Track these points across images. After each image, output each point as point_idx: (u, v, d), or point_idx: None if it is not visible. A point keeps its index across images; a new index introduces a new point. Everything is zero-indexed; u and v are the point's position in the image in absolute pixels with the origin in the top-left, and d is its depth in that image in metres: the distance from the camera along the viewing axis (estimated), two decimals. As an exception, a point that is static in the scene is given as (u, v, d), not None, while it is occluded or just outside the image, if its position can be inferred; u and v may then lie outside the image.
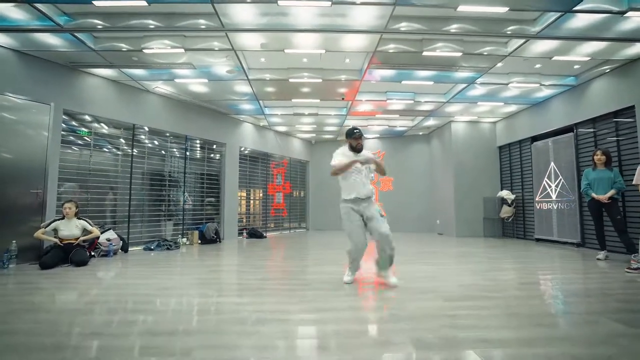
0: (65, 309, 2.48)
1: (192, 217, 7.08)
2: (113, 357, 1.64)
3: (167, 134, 6.64)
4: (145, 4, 3.53)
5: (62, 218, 4.42)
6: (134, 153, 5.98)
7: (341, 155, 3.24)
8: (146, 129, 6.23)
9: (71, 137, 5.25)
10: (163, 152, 6.70)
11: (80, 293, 2.94)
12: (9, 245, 4.13)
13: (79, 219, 4.52)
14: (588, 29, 3.93)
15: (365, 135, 9.84)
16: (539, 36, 4.04)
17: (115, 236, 5.21)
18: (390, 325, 2.07)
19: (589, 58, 4.67)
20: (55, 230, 4.37)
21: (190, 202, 7.13)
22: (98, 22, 3.97)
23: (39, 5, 3.52)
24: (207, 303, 2.59)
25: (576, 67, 5.11)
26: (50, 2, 3.54)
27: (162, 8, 3.81)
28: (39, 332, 1.97)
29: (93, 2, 3.46)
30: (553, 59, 4.68)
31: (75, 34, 4.11)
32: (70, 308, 2.50)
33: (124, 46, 4.49)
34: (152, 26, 4.03)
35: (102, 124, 5.66)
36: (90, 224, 4.58)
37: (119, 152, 5.92)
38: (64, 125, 5.04)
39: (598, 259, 4.44)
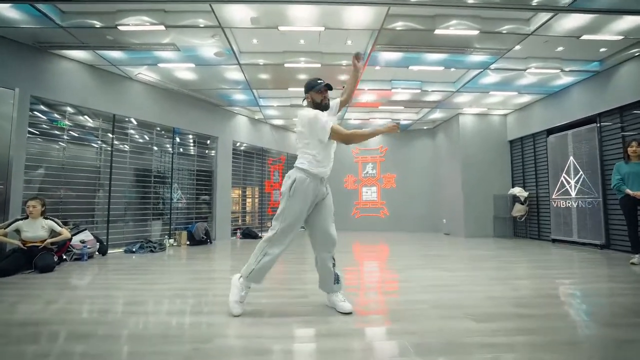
0: (17, 330, 1.95)
1: (180, 217, 6.55)
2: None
3: (156, 127, 6.09)
4: (112, -35, 2.99)
5: (26, 217, 3.89)
6: (116, 146, 5.44)
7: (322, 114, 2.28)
8: (134, 121, 5.69)
9: (42, 126, 4.71)
10: (149, 145, 6.16)
11: (34, 309, 2.41)
12: (-37, 248, 3.61)
13: (45, 218, 3.98)
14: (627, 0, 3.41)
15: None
16: (570, 8, 3.51)
17: (91, 237, 4.68)
18: (412, 361, 1.55)
19: (621, 37, 4.14)
20: (18, 232, 3.83)
21: (184, 200, 6.61)
22: (61, -9, 3.44)
23: (-14, -33, 2.99)
24: (183, 325, 2.07)
25: (602, 50, 4.60)
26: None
27: (135, -26, 3.28)
28: None
29: (50, -39, 2.92)
30: (581, 38, 4.16)
31: (36, 6, 3.56)
32: (24, 329, 1.97)
33: (96, 22, 3.95)
34: (125, -4, 3.49)
35: (80, 114, 5.11)
36: (59, 225, 4.04)
37: (97, 146, 5.39)
38: (39, 115, 4.50)
39: (632, 264, 3.94)
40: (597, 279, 3.33)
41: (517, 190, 6.97)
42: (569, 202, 5.83)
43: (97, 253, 4.77)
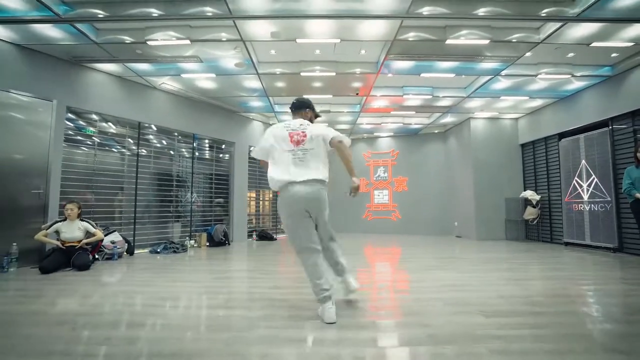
0: (61, 320, 2.21)
1: (200, 219, 6.84)
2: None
3: (175, 133, 6.41)
4: (147, -12, 3.27)
5: (64, 220, 4.21)
6: (141, 152, 5.76)
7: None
8: (153, 127, 6.01)
9: (72, 134, 5.05)
10: (170, 151, 6.47)
11: (78, 303, 2.68)
12: (9, 248, 3.93)
13: (81, 220, 4.30)
14: (637, 9, 3.51)
15: (379, 134, 9.61)
16: (579, 18, 3.64)
17: (120, 238, 4.98)
18: (428, 349, 1.73)
19: (632, 44, 4.23)
20: (57, 233, 4.15)
21: (200, 203, 6.90)
22: (98, 12, 3.74)
23: (35, -7, 3.31)
24: (213, 317, 2.30)
25: (614, 55, 4.67)
26: (48, -12, 3.32)
27: (166, -6, 3.56)
28: (32, 341, 1.70)
29: (92, -13, 3.22)
30: (591, 45, 4.26)
31: (76, 25, 3.88)
32: (67, 319, 2.22)
33: (127, 38, 4.26)
34: (155, 14, 3.78)
35: (108, 122, 5.45)
36: (93, 226, 4.35)
37: (124, 151, 5.71)
38: (68, 123, 4.84)
39: (644, 266, 4.00)
40: (608, 281, 3.42)
41: (529, 194, 7.02)
42: (581, 206, 5.87)
43: (125, 253, 5.07)
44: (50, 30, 4.00)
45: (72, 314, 2.35)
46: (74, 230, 4.18)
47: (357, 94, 6.18)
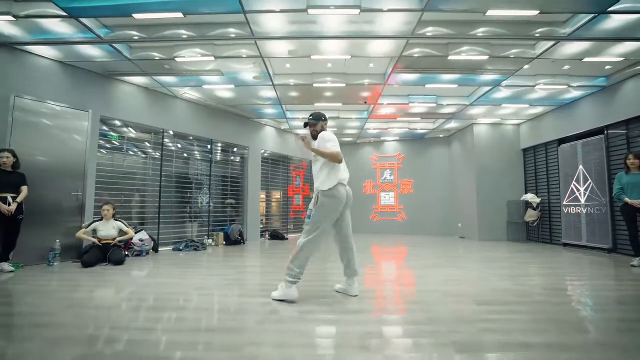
0: (107, 305, 2.63)
1: (216, 219, 7.27)
2: (174, 351, 1.76)
3: (190, 137, 6.85)
4: (181, 15, 3.70)
5: (101, 219, 4.66)
6: (163, 156, 6.21)
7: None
8: (170, 132, 6.46)
9: (102, 142, 5.52)
10: (188, 155, 6.92)
11: (118, 290, 3.11)
12: (53, 244, 4.39)
13: (115, 220, 4.75)
14: (622, 30, 3.84)
15: (385, 138, 10.00)
16: (569, 38, 3.98)
17: (147, 237, 5.43)
18: (426, 327, 2.11)
19: (622, 59, 4.55)
20: (94, 231, 4.61)
21: (212, 204, 7.32)
22: (134, 33, 4.18)
23: (83, 19, 3.75)
24: (240, 303, 2.70)
25: (607, 67, 4.99)
26: (94, 16, 3.77)
27: (195, 18, 3.97)
28: (81, 326, 2.12)
29: (133, 15, 3.66)
30: (583, 60, 4.59)
31: (114, 45, 4.34)
32: (110, 305, 2.65)
33: (157, 55, 4.70)
34: (184, 36, 4.21)
35: (130, 129, 5.91)
36: (125, 225, 4.80)
37: (148, 156, 6.17)
38: (101, 130, 5.31)
39: (632, 266, 4.32)
40: (597, 277, 3.75)
41: (530, 197, 7.33)
42: (578, 208, 6.18)
43: (151, 250, 5.52)
44: (90, 49, 4.46)
45: (116, 301, 2.78)
46: (109, 228, 4.63)
47: (365, 102, 6.56)
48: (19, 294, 2.96)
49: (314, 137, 2.92)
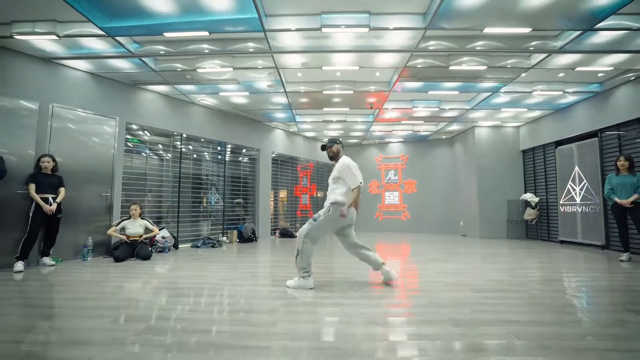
0: (148, 293, 3.03)
1: (230, 218, 7.67)
2: (208, 330, 2.15)
3: (203, 140, 7.25)
4: (207, 34, 4.09)
5: (129, 218, 5.07)
6: (181, 158, 6.62)
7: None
8: (187, 136, 6.87)
9: (129, 146, 5.94)
10: (200, 156, 7.32)
11: (157, 281, 3.51)
12: (86, 241, 4.81)
13: (142, 218, 5.16)
14: (610, 44, 4.18)
15: (390, 140, 10.36)
16: (561, 51, 4.32)
17: (169, 234, 5.84)
18: (428, 309, 2.48)
19: (612, 68, 4.88)
20: (123, 229, 5.02)
21: (221, 204, 7.71)
22: (161, 48, 4.57)
23: (118, 38, 4.15)
24: (265, 290, 3.09)
25: (600, 75, 5.31)
26: (129, 35, 4.17)
27: (218, 35, 4.35)
28: (133, 307, 2.52)
29: (164, 34, 4.05)
30: (576, 69, 4.93)
31: (143, 60, 4.74)
32: (154, 292, 3.05)
33: (180, 66, 5.09)
34: (207, 50, 4.60)
35: (146, 132, 6.32)
36: (151, 224, 5.21)
37: (167, 158, 6.58)
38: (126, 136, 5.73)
39: (621, 260, 4.66)
40: (587, 271, 4.10)
41: (529, 196, 7.66)
42: (574, 208, 6.51)
43: (172, 247, 5.93)
44: (119, 62, 4.87)
45: (157, 290, 3.18)
46: (136, 227, 5.04)
47: (372, 107, 6.93)
48: (71, 284, 3.37)
49: (331, 158, 3.44)
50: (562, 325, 2.16)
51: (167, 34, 4.08)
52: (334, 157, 3.41)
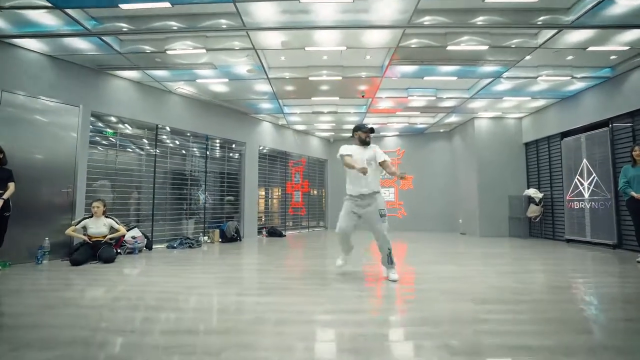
0: (93, 305, 2.54)
1: (212, 216, 7.18)
2: (137, 354, 1.65)
3: (188, 134, 6.75)
4: (168, 5, 3.57)
5: (91, 216, 4.57)
6: (157, 153, 6.11)
7: (349, 151, 3.39)
8: (168, 128, 6.35)
9: (97, 138, 5.43)
10: (184, 151, 6.81)
11: (108, 290, 3.01)
12: (42, 242, 4.30)
13: (106, 217, 4.66)
14: (629, 16, 3.67)
15: (385, 133, 9.83)
16: (573, 25, 3.82)
17: (140, 234, 5.34)
18: (420, 329, 1.99)
19: (628, 47, 4.38)
20: (85, 228, 4.52)
21: (210, 201, 7.23)
22: (123, 25, 4.06)
23: (68, 11, 3.63)
24: (230, 302, 2.59)
25: (612, 57, 4.82)
26: (79, 6, 3.65)
27: (185, 9, 3.84)
28: (68, 326, 2.02)
29: (119, 5, 3.53)
30: (588, 49, 4.43)
31: (102, 38, 4.22)
32: (99, 304, 2.55)
33: (147, 48, 4.58)
34: (175, 27, 4.08)
35: (127, 125, 5.81)
36: (117, 222, 4.70)
37: (142, 152, 6.07)
38: (91, 126, 5.21)
39: (638, 262, 4.18)
40: (601, 274, 3.62)
41: (532, 192, 7.17)
42: (582, 204, 6.03)
43: (144, 248, 5.43)
44: (78, 42, 4.35)
45: (105, 301, 2.68)
46: (100, 226, 4.54)
47: (363, 96, 6.42)
48: (6, 293, 2.87)
49: (367, 144, 3.52)
50: (582, 353, 1.67)
51: (124, 6, 3.56)
52: (369, 143, 3.52)
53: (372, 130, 3.49)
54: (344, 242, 3.47)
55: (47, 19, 3.84)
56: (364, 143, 3.46)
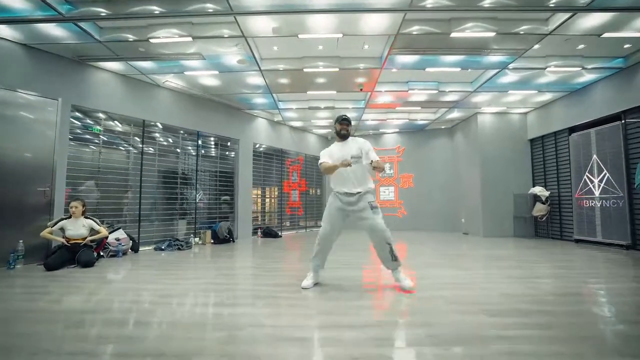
0: (48, 319, 2.22)
1: (204, 216, 6.86)
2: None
3: (180, 131, 6.43)
4: (147, -15, 3.26)
5: (69, 217, 4.25)
6: (145, 150, 5.80)
7: (327, 154, 3.07)
8: (159, 125, 6.04)
9: (78, 132, 5.11)
10: (175, 149, 6.49)
11: (80, 300, 2.70)
12: (16, 245, 3.99)
13: (86, 218, 4.34)
14: (650, -3, 3.37)
15: (384, 130, 9.50)
16: (590, 8, 3.51)
17: (125, 236, 5.02)
18: (428, 351, 1.68)
19: (645, 34, 4.08)
20: (62, 230, 4.20)
21: (205, 200, 6.92)
22: (100, 10, 3.74)
23: (37, -9, 3.32)
24: (203, 315, 2.28)
25: (627, 46, 4.52)
26: (49, -13, 3.33)
27: (166, -9, 3.53)
28: (37, 339, 1.71)
29: (92, -15, 3.22)
30: (603, 36, 4.11)
31: (79, 24, 3.90)
32: (53, 318, 2.24)
33: (129, 36, 4.26)
34: (157, 12, 3.77)
35: (114, 121, 5.49)
36: (97, 223, 4.39)
37: (129, 149, 5.75)
38: (75, 121, 4.90)
39: (657, 264, 3.87)
40: (619, 279, 3.31)
41: (538, 190, 6.87)
42: (592, 202, 5.72)
43: (130, 250, 5.11)
44: (54, 30, 4.03)
45: (74, 312, 2.37)
46: (78, 227, 4.22)
47: (361, 89, 6.11)
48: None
49: (344, 136, 3.12)
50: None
51: (97, -14, 3.24)
52: (347, 135, 3.11)
53: (346, 119, 3.04)
54: (323, 250, 2.99)
55: (16, 2, 3.52)
56: (342, 137, 3.09)
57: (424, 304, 2.46)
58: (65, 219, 4.24)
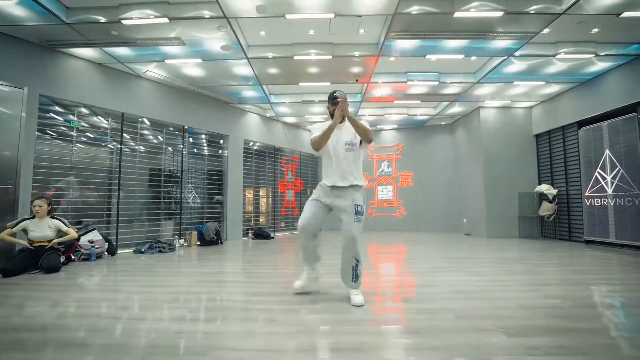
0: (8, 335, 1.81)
1: (192, 217, 6.45)
2: None
3: (165, 126, 6.02)
4: (110, -48, 2.86)
5: (33, 217, 3.83)
6: (125, 145, 5.39)
7: (320, 129, 2.58)
8: (143, 120, 5.63)
9: (49, 125, 4.69)
10: (159, 145, 6.08)
11: (26, 313, 2.29)
12: (-28, 249, 3.58)
13: (52, 218, 3.93)
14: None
15: (382, 127, 9.12)
16: (611, -20, 3.13)
17: (100, 238, 4.61)
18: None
19: (669, 13, 3.70)
20: (26, 232, 3.78)
21: (199, 201, 6.52)
22: (65, -14, 3.35)
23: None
24: (160, 334, 1.87)
25: (644, 31, 4.14)
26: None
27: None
28: None
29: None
30: (622, 15, 3.73)
31: (42, 4, 3.50)
32: (1, 337, 1.83)
33: (100, 18, 3.86)
34: (127, -12, 3.37)
35: (89, 113, 5.08)
36: (66, 225, 3.97)
37: (107, 145, 5.34)
38: (43, 114, 4.49)
39: (685, 268, 3.49)
40: (646, 286, 2.93)
41: (545, 188, 6.49)
42: (605, 200, 5.34)
43: (106, 254, 4.70)
44: (13, 8, 3.62)
45: (7, 330, 1.95)
46: (43, 228, 3.80)
47: (357, 80, 5.72)
48: None
49: (331, 115, 2.64)
50: None
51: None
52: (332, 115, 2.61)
53: (338, 98, 2.56)
54: (307, 244, 2.60)
55: (-35, -25, 3.12)
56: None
57: (430, 320, 2.06)
58: (29, 219, 3.82)
